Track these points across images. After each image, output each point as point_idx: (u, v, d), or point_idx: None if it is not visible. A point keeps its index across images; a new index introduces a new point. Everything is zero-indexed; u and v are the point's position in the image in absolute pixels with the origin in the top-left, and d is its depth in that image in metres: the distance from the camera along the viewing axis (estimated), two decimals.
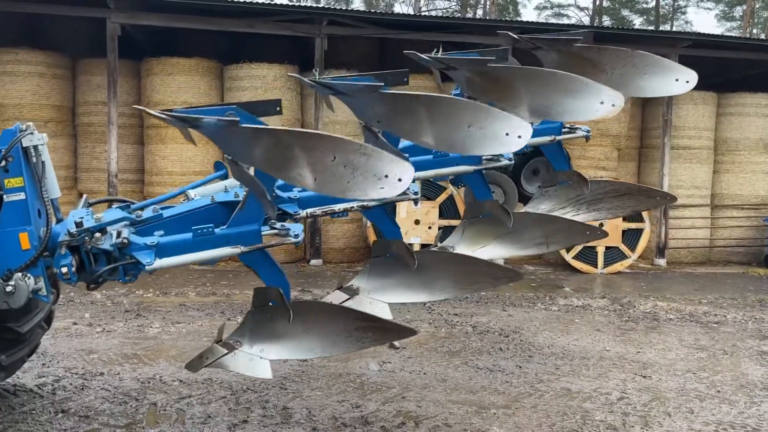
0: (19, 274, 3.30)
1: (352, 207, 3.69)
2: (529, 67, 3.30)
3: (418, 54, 3.57)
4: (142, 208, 3.66)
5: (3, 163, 3.38)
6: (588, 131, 4.59)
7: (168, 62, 10.66)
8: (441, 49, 3.73)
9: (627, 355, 6.04)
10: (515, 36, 3.76)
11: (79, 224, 3.30)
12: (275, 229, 3.32)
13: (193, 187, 3.81)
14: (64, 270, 3.27)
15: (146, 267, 3.22)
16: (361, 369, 5.31)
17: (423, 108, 2.94)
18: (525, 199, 4.94)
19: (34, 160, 3.44)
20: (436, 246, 4.32)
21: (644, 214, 11.20)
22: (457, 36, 11.43)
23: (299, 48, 12.21)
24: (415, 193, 3.79)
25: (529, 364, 5.62)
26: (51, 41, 11.37)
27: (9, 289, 3.26)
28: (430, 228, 10.53)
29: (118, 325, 6.47)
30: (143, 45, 11.55)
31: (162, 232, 3.37)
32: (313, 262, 10.93)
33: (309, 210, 3.65)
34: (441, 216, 10.58)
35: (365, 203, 3.72)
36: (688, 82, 3.56)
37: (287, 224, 3.41)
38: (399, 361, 5.57)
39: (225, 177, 3.95)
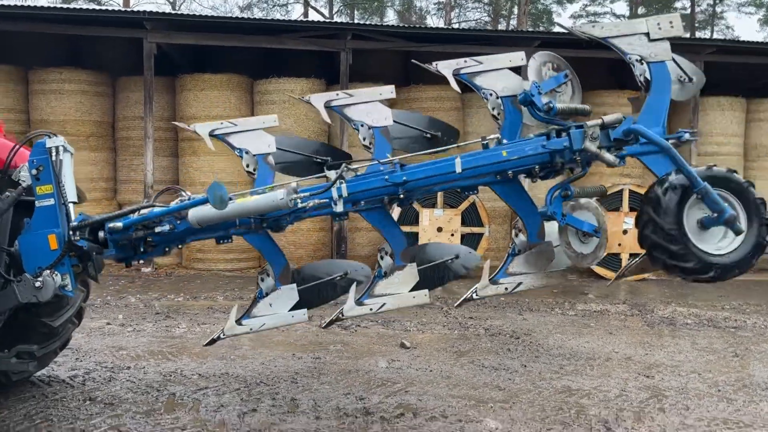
0: (48, 271, 3.69)
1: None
2: None
3: None
4: None
5: (34, 171, 3.80)
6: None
7: (201, 78, 11.19)
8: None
9: (634, 357, 6.15)
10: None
11: None
12: None
13: None
14: None
15: None
16: (370, 366, 5.58)
17: None
18: None
19: (53, 158, 3.78)
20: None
21: None
22: (482, 48, 11.66)
23: (326, 62, 12.63)
24: None
25: (534, 364, 5.80)
26: (93, 61, 12.06)
27: (38, 284, 3.64)
28: (452, 235, 10.75)
29: (148, 326, 6.90)
30: (179, 62, 12.14)
31: None
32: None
33: None
34: (464, 223, 10.80)
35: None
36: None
37: None
38: (407, 359, 5.82)
39: None
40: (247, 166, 4.13)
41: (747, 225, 3.54)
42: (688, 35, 28.89)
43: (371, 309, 4.08)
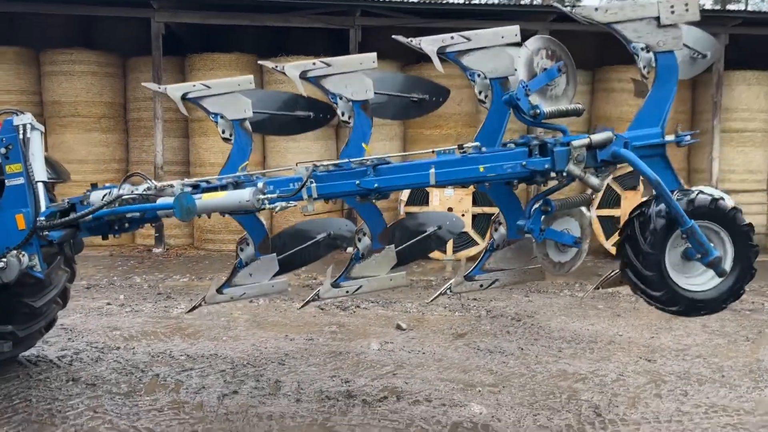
0: (14, 251, 3.64)
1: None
2: None
3: None
4: None
5: (3, 150, 3.74)
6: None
7: (209, 58, 11.09)
8: None
9: (639, 340, 5.94)
10: None
11: None
12: None
13: None
14: None
15: None
16: (362, 348, 5.47)
17: None
18: None
19: (21, 136, 3.72)
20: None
21: None
22: (496, 23, 11.33)
23: (336, 40, 12.44)
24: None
25: (532, 347, 5.64)
26: (103, 42, 12.04)
27: (1, 265, 3.59)
28: (463, 215, 10.55)
29: (147, 306, 6.88)
30: (189, 42, 12.06)
31: None
32: (349, 249, 11.15)
33: None
34: (475, 203, 10.59)
35: None
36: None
37: None
38: (402, 341, 5.70)
39: None
40: (223, 132, 4.01)
41: (731, 268, 3.33)
42: (718, 6, 27.92)
43: (347, 291, 4.00)
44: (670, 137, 3.50)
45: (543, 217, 3.47)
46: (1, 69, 11.09)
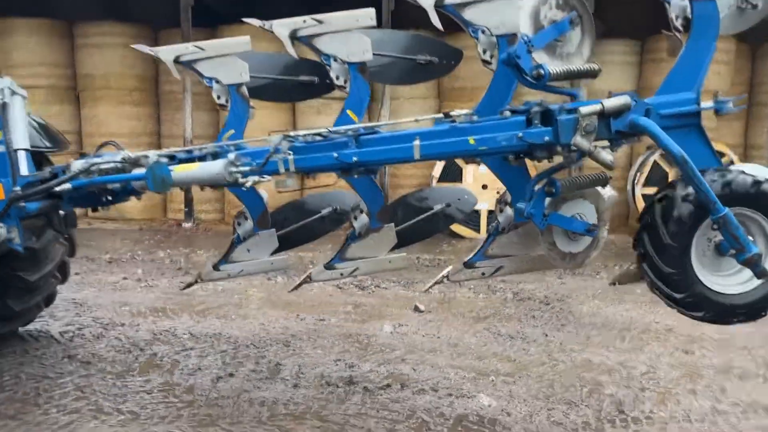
0: None
1: None
2: None
3: None
4: None
5: None
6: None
7: (238, 29, 10.65)
8: None
9: (676, 329, 5.46)
10: None
11: None
12: None
13: None
14: None
15: None
16: (374, 330, 5.18)
17: None
18: None
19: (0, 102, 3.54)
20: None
21: None
22: None
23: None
24: None
25: (558, 333, 5.24)
26: (134, 12, 11.93)
27: None
28: (498, 192, 10.10)
29: (163, 281, 6.75)
30: (220, 13, 11.84)
31: None
32: None
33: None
34: None
35: None
36: None
37: None
38: (417, 323, 5.38)
39: None
40: (218, 97, 3.77)
41: None
42: None
43: (342, 273, 3.71)
44: (707, 104, 2.98)
45: (548, 199, 2.99)
46: (35, 42, 11.10)
